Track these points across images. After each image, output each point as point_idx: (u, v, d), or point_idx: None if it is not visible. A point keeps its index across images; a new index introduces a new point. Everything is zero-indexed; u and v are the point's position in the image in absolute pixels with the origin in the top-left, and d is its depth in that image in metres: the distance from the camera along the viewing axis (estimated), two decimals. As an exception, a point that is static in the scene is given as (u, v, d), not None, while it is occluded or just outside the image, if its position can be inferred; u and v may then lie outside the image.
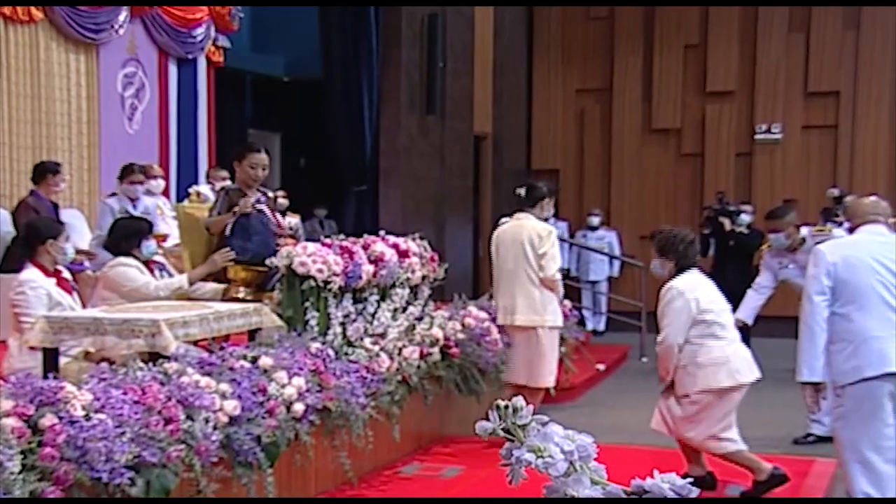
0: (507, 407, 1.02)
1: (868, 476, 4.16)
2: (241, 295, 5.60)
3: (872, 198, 4.66)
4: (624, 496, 0.96)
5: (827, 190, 10.86)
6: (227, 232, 5.82)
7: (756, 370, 5.29)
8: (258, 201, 5.87)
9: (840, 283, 4.23)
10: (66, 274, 5.30)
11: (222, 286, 5.70)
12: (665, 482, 0.96)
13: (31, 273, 5.03)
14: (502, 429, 1.03)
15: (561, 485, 0.98)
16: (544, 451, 0.99)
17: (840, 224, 9.22)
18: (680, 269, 5.29)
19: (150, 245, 5.49)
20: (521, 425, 1.02)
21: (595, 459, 0.99)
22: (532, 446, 0.99)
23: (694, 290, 5.20)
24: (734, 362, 5.17)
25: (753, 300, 6.95)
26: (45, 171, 6.96)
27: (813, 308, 4.27)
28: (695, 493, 0.96)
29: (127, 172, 7.52)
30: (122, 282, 5.42)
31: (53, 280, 5.07)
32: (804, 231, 6.89)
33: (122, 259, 5.49)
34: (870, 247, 4.29)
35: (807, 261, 6.42)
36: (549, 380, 6.55)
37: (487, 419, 1.05)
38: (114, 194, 7.64)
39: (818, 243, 4.87)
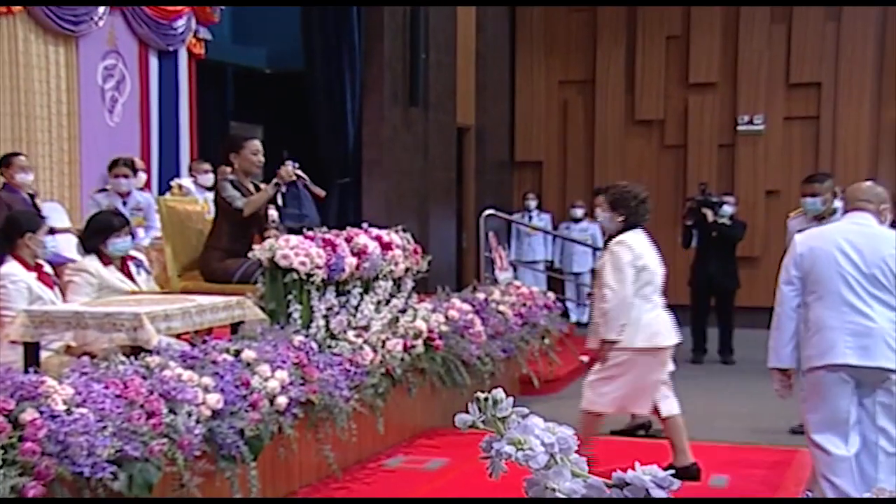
0: (486, 399, 1.02)
1: (822, 458, 4.26)
2: None
3: (869, 183, 4.65)
4: (606, 489, 0.95)
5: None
6: (280, 202, 5.89)
7: (676, 335, 5.39)
8: (294, 167, 5.89)
9: (805, 273, 4.31)
10: (48, 268, 5.26)
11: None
12: (647, 474, 0.95)
13: (11, 267, 5.00)
14: (482, 421, 1.02)
15: (542, 477, 0.97)
16: (525, 443, 0.98)
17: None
18: (628, 226, 5.33)
19: (116, 243, 5.37)
20: (501, 418, 1.01)
21: (576, 452, 0.99)
22: (512, 439, 0.98)
23: (640, 248, 5.28)
24: (654, 326, 5.26)
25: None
26: (6, 161, 6.84)
27: (781, 297, 4.39)
28: (677, 485, 0.96)
29: (112, 166, 7.47)
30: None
31: (34, 274, 5.04)
32: (838, 203, 6.88)
33: (78, 264, 5.43)
34: (839, 236, 4.31)
35: None
36: None
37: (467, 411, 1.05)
38: (103, 189, 7.58)
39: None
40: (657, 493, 0.95)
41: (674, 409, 5.41)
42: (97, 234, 5.41)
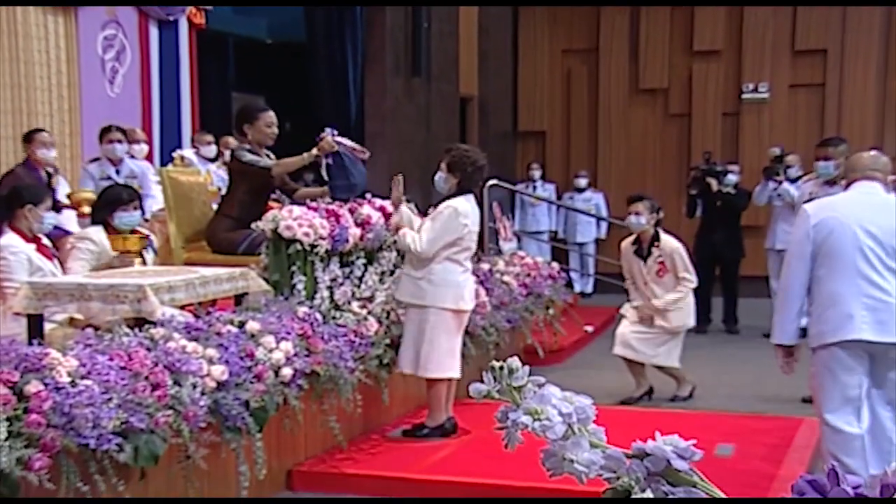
0: (502, 368, 0.99)
1: (832, 437, 4.18)
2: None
3: (873, 152, 4.48)
4: (626, 459, 0.93)
5: (769, 149, 10.84)
6: (325, 176, 5.89)
7: (474, 301, 5.66)
8: (333, 135, 5.84)
9: (817, 245, 4.12)
10: (46, 241, 5.24)
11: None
12: (668, 444, 0.92)
13: (10, 238, 4.98)
14: (497, 391, 0.99)
15: (559, 448, 0.94)
16: (542, 413, 0.95)
17: (785, 181, 9.21)
18: (461, 190, 5.42)
19: (123, 216, 5.35)
20: (517, 387, 0.98)
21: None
22: (529, 409, 0.95)
23: (467, 215, 5.38)
24: (463, 289, 5.44)
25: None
26: (28, 137, 6.80)
27: (790, 271, 4.20)
28: (698, 455, 0.93)
29: (104, 132, 7.38)
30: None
31: (33, 245, 5.02)
32: None
33: (81, 232, 5.44)
34: (856, 209, 4.14)
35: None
36: None
37: (481, 381, 1.02)
38: (95, 159, 7.52)
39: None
40: (679, 464, 0.92)
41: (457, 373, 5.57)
42: (105, 206, 5.41)
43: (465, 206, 5.39)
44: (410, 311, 5.49)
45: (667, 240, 6.75)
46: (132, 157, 7.65)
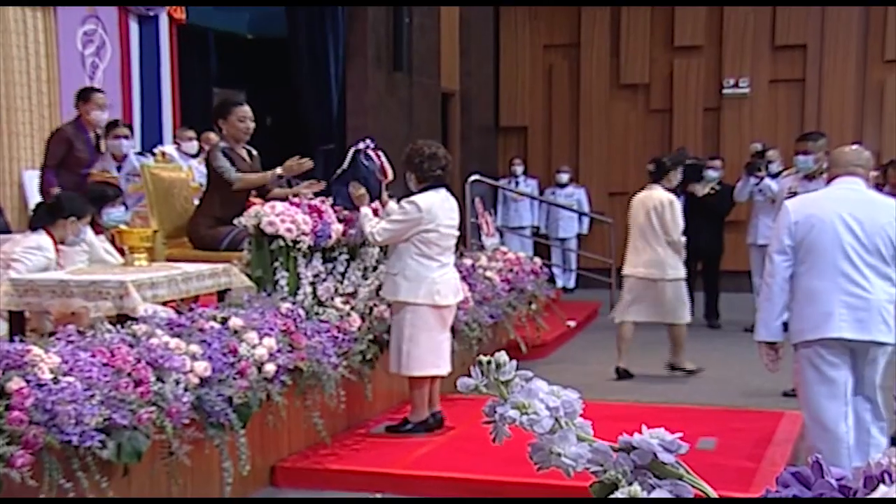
0: (489, 362, 0.99)
1: (816, 432, 4.18)
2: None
3: (855, 147, 4.47)
4: (613, 453, 0.93)
5: (750, 144, 10.90)
6: (339, 175, 5.89)
7: (456, 296, 5.58)
8: (369, 147, 5.82)
9: (798, 242, 4.10)
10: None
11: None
12: (654, 437, 0.93)
13: (45, 240, 4.99)
14: (484, 385, 0.99)
15: (547, 442, 0.95)
16: (529, 407, 0.95)
17: (766, 177, 9.26)
18: (427, 186, 5.41)
19: (111, 213, 5.36)
20: (505, 381, 0.99)
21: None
22: (516, 403, 0.96)
23: (431, 210, 5.33)
24: (439, 284, 5.39)
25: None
26: (84, 95, 6.71)
27: (773, 268, 4.17)
28: (685, 448, 0.94)
29: (111, 126, 7.26)
30: None
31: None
32: None
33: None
34: (838, 205, 4.11)
35: (815, 190, 6.48)
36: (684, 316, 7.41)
37: (469, 376, 1.02)
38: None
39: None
40: (665, 457, 0.93)
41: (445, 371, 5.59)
42: (92, 203, 5.38)
43: (430, 201, 5.35)
44: (393, 309, 5.50)
45: None
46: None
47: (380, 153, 5.91)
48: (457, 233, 5.58)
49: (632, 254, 7.45)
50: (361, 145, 5.80)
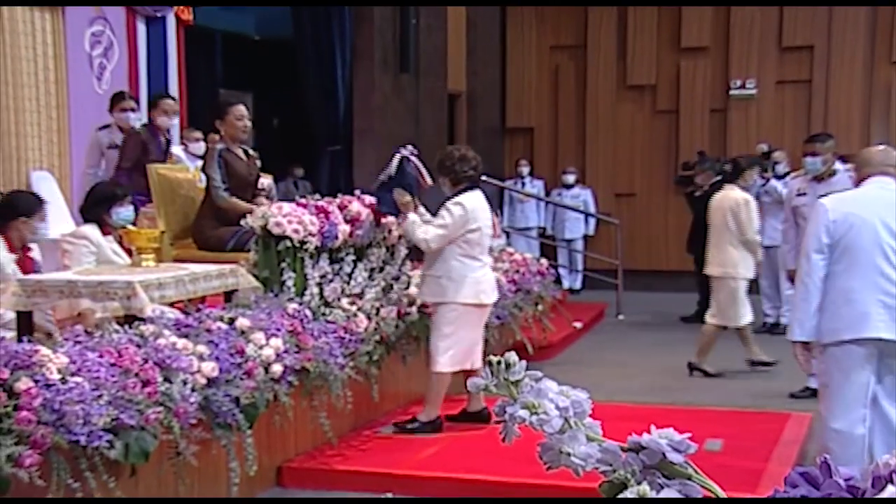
0: (499, 363, 1.00)
1: (835, 437, 4.13)
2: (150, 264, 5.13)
3: (882, 147, 4.44)
4: (622, 453, 0.94)
5: (756, 145, 10.89)
6: (383, 182, 5.89)
7: (496, 294, 5.78)
8: (411, 153, 5.86)
9: (835, 240, 4.06)
10: (35, 252, 5.19)
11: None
12: (663, 437, 0.94)
13: None
14: (494, 385, 1.00)
15: (556, 442, 0.95)
16: (539, 407, 0.96)
17: (773, 178, 9.27)
18: (462, 189, 5.58)
19: (120, 212, 5.35)
20: (514, 381, 0.99)
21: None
22: (526, 403, 0.96)
23: (475, 210, 5.52)
24: (482, 283, 5.57)
25: (792, 239, 6.89)
26: (154, 100, 6.82)
27: (810, 266, 4.10)
28: (693, 448, 0.94)
29: (116, 99, 7.26)
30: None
31: (14, 256, 4.96)
32: (839, 164, 6.85)
33: (78, 230, 5.40)
34: (876, 204, 4.08)
35: (825, 192, 6.44)
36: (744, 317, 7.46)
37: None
38: (105, 126, 7.33)
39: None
40: (674, 457, 0.93)
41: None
42: (100, 203, 5.37)
43: (472, 202, 5.54)
44: (434, 309, 5.64)
45: None
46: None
47: (419, 160, 5.96)
48: (490, 232, 5.75)
49: (710, 254, 7.61)
50: (405, 151, 5.83)
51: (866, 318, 4.01)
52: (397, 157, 5.79)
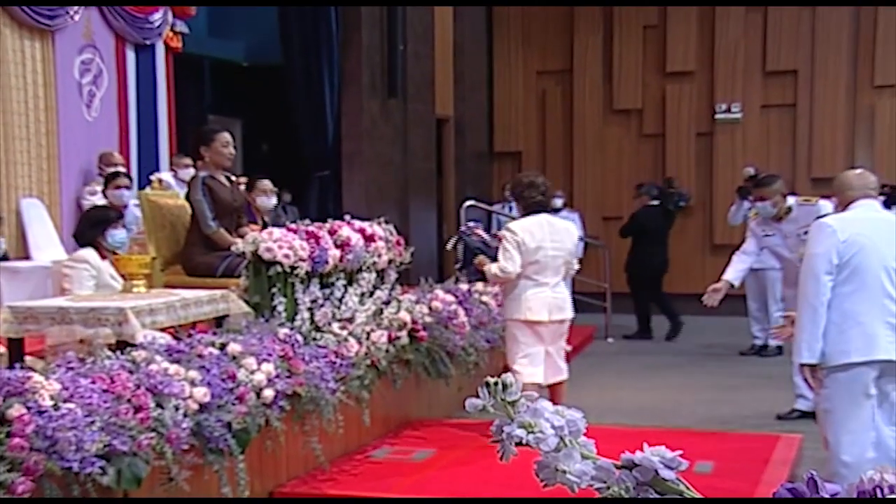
0: (496, 384, 1.03)
1: (843, 472, 4.09)
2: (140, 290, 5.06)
3: (859, 170, 4.47)
4: (615, 470, 0.97)
5: (743, 169, 11.01)
6: (462, 255, 6.78)
7: (552, 314, 5.96)
8: (470, 227, 6.79)
9: (844, 261, 4.05)
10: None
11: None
12: (655, 455, 0.97)
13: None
14: (491, 406, 1.03)
15: (552, 460, 0.98)
16: (535, 426, 0.99)
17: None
18: (526, 213, 5.92)
19: (115, 234, 5.40)
20: (511, 402, 1.03)
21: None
22: (523, 422, 1.00)
23: (530, 233, 5.81)
24: (531, 301, 5.85)
25: (739, 263, 6.85)
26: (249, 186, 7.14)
27: (819, 288, 4.07)
28: (685, 465, 0.98)
29: (112, 178, 7.26)
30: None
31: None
32: (791, 200, 6.89)
33: (77, 254, 5.43)
34: (876, 226, 4.11)
35: (791, 231, 6.47)
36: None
37: (469, 399, 1.06)
38: (98, 201, 7.41)
39: (819, 217, 4.73)
40: (666, 474, 0.97)
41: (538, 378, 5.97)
42: (95, 226, 5.41)
43: (525, 225, 5.85)
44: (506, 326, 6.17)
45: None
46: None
47: (479, 228, 6.77)
48: (561, 254, 5.96)
49: None
50: (462, 229, 6.69)
51: (875, 339, 4.03)
52: (452, 240, 6.58)
